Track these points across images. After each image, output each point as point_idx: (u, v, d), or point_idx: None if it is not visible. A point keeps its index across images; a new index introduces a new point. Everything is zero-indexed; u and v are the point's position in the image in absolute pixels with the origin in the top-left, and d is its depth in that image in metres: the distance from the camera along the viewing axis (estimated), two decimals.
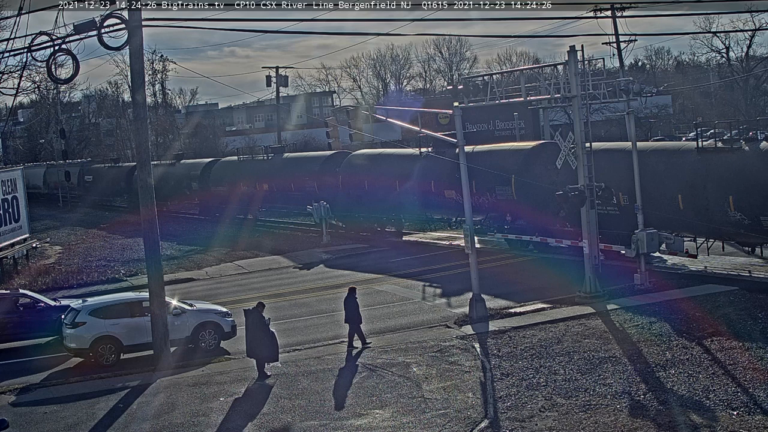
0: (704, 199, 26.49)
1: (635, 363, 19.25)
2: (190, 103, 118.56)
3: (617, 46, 56.40)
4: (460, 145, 25.35)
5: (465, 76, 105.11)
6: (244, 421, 17.59)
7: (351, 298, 22.91)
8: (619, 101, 31.38)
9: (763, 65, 72.89)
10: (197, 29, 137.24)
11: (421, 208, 40.23)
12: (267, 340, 20.69)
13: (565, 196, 25.60)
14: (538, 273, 30.42)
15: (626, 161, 27.43)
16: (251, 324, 20.85)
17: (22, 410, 19.34)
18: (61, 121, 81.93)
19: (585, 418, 16.26)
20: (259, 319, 20.85)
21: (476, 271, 24.78)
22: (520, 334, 22.57)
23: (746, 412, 15.93)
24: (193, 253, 42.00)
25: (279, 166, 50.79)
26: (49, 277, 37.26)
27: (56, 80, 26.12)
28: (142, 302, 23.26)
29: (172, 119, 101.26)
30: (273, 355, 20.81)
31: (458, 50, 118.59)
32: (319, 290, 31.31)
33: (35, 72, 44.93)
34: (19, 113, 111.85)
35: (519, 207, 33.70)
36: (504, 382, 18.83)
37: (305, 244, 42.43)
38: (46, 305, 26.08)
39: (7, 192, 38.50)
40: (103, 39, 20.88)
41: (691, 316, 22.44)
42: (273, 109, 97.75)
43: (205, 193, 58.05)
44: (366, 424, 16.95)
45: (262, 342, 20.64)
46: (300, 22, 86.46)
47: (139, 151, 22.63)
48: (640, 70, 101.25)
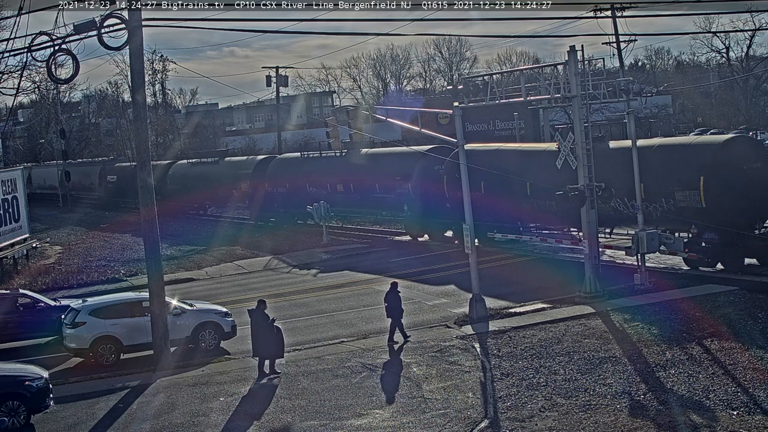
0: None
1: (635, 363, 19.25)
2: (190, 103, 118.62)
3: (617, 46, 56.48)
4: (460, 144, 25.35)
5: (465, 76, 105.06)
6: (244, 421, 17.59)
7: (393, 292, 23.05)
8: (619, 101, 31.38)
9: (763, 65, 72.87)
10: (197, 29, 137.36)
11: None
12: (271, 337, 20.68)
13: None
14: (538, 273, 30.42)
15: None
16: (255, 323, 20.87)
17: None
18: (61, 121, 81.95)
19: (585, 418, 16.26)
20: (261, 317, 20.86)
21: (476, 271, 24.78)
22: (520, 334, 22.57)
23: (746, 412, 15.93)
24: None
25: (358, 165, 44.72)
26: (49, 277, 37.28)
27: (56, 80, 26.12)
28: (142, 302, 23.25)
29: (172, 119, 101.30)
30: (278, 352, 20.83)
31: (458, 50, 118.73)
32: (319, 290, 31.30)
33: (35, 72, 45.05)
34: (19, 113, 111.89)
35: (709, 217, 26.87)
36: (504, 382, 18.83)
37: (305, 244, 42.45)
38: (46, 305, 26.08)
39: (7, 192, 38.53)
40: (103, 39, 20.87)
41: (691, 316, 22.44)
42: (273, 109, 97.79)
43: (257, 193, 52.32)
44: (366, 424, 16.94)
45: (266, 340, 20.65)
46: (300, 22, 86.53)
47: (139, 151, 22.62)
48: (640, 70, 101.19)
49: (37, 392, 18.11)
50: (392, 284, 23.47)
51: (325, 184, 46.19)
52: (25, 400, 17.95)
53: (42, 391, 18.23)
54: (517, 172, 32.11)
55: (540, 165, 31.09)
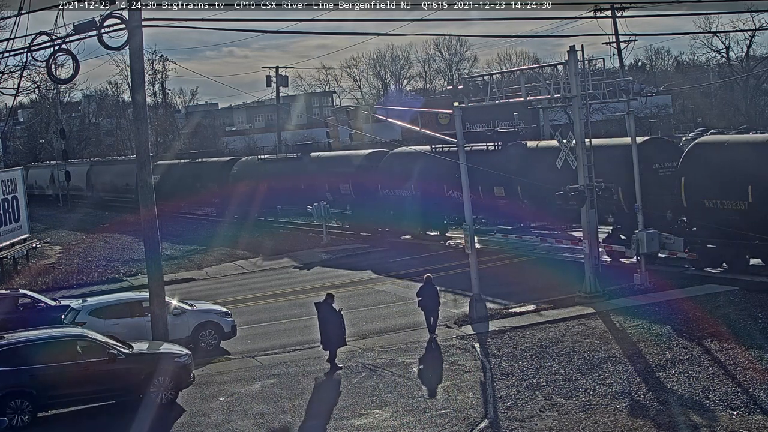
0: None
1: (635, 363, 19.26)
2: (190, 103, 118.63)
3: (617, 46, 56.42)
4: (460, 144, 25.35)
5: (465, 76, 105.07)
6: (244, 421, 17.59)
7: (429, 285, 23.17)
8: (619, 101, 31.35)
9: (763, 65, 72.87)
10: (196, 29, 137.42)
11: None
12: (339, 330, 21.22)
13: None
14: (538, 273, 30.42)
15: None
16: (323, 316, 21.33)
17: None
18: (61, 121, 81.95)
19: (585, 418, 16.26)
20: (329, 310, 21.35)
21: (476, 271, 24.79)
22: (520, 334, 22.57)
23: (746, 412, 15.93)
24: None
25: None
26: (49, 277, 37.27)
27: (56, 80, 26.12)
28: (142, 302, 23.24)
29: (172, 119, 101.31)
30: (342, 342, 21.36)
31: (458, 50, 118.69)
32: (319, 290, 31.24)
33: (35, 72, 44.99)
34: (19, 113, 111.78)
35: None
36: (504, 382, 18.83)
37: (306, 244, 42.46)
38: (46, 305, 26.09)
39: (7, 192, 38.55)
40: (103, 39, 20.87)
41: (691, 316, 22.44)
42: (273, 109, 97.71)
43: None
44: (366, 424, 16.95)
45: (334, 333, 21.15)
46: (299, 22, 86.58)
47: (139, 151, 22.60)
48: (640, 70, 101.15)
49: (183, 368, 19.12)
50: (427, 278, 23.51)
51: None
52: (174, 376, 18.92)
53: (187, 367, 19.27)
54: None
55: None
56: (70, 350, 18.65)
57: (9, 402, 17.67)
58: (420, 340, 22.72)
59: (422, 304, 23.24)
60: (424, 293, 23.19)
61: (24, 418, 17.79)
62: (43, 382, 17.92)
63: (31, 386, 17.87)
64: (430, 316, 23.17)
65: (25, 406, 17.82)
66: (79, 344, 18.80)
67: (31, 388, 17.87)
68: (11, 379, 17.79)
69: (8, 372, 17.80)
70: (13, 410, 17.70)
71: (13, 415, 17.68)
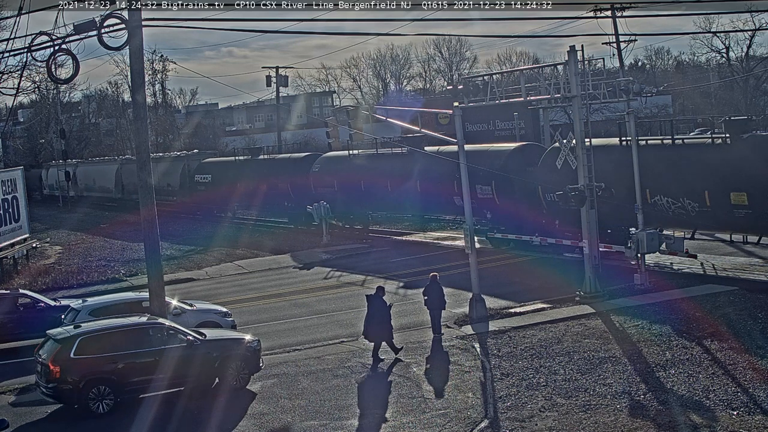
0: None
1: (635, 363, 19.26)
2: (190, 103, 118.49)
3: (617, 46, 56.38)
4: (460, 145, 25.35)
5: (465, 76, 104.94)
6: (244, 421, 17.59)
7: (434, 284, 23.23)
8: (619, 101, 31.45)
9: (763, 65, 72.82)
10: (196, 29, 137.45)
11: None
12: (386, 324, 21.43)
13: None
14: (538, 273, 30.42)
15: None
16: (374, 309, 21.49)
17: (22, 410, 19.32)
18: (61, 121, 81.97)
19: (585, 418, 16.26)
20: (381, 303, 21.54)
21: (476, 271, 24.79)
22: (520, 334, 22.57)
23: (746, 412, 15.93)
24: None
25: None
26: (49, 277, 37.27)
27: (56, 80, 26.08)
28: (142, 302, 23.22)
29: (172, 119, 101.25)
30: (387, 336, 21.52)
31: (458, 50, 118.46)
32: (319, 290, 31.30)
33: (35, 72, 44.96)
34: (19, 113, 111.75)
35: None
36: (504, 382, 18.83)
37: (305, 244, 42.44)
38: (46, 305, 26.06)
39: (7, 192, 38.55)
40: (103, 39, 20.86)
41: (691, 316, 22.44)
42: (273, 109, 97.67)
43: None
44: (366, 424, 16.95)
45: (382, 327, 21.37)
46: (299, 22, 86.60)
47: (139, 151, 22.59)
48: (640, 70, 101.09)
49: (254, 353, 19.77)
50: (432, 277, 23.53)
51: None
52: (247, 361, 19.56)
53: (257, 353, 19.88)
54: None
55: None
56: (149, 337, 19.06)
57: (91, 389, 18.10)
58: (420, 340, 22.72)
59: (428, 303, 23.27)
60: (430, 292, 23.23)
61: (106, 405, 18.21)
62: (123, 370, 18.34)
63: (112, 374, 18.25)
64: (435, 315, 23.19)
65: (107, 393, 18.22)
66: (158, 331, 19.20)
67: (111, 375, 18.25)
68: (92, 367, 18.18)
69: (89, 360, 18.22)
70: (95, 397, 18.14)
71: (96, 402, 18.13)
